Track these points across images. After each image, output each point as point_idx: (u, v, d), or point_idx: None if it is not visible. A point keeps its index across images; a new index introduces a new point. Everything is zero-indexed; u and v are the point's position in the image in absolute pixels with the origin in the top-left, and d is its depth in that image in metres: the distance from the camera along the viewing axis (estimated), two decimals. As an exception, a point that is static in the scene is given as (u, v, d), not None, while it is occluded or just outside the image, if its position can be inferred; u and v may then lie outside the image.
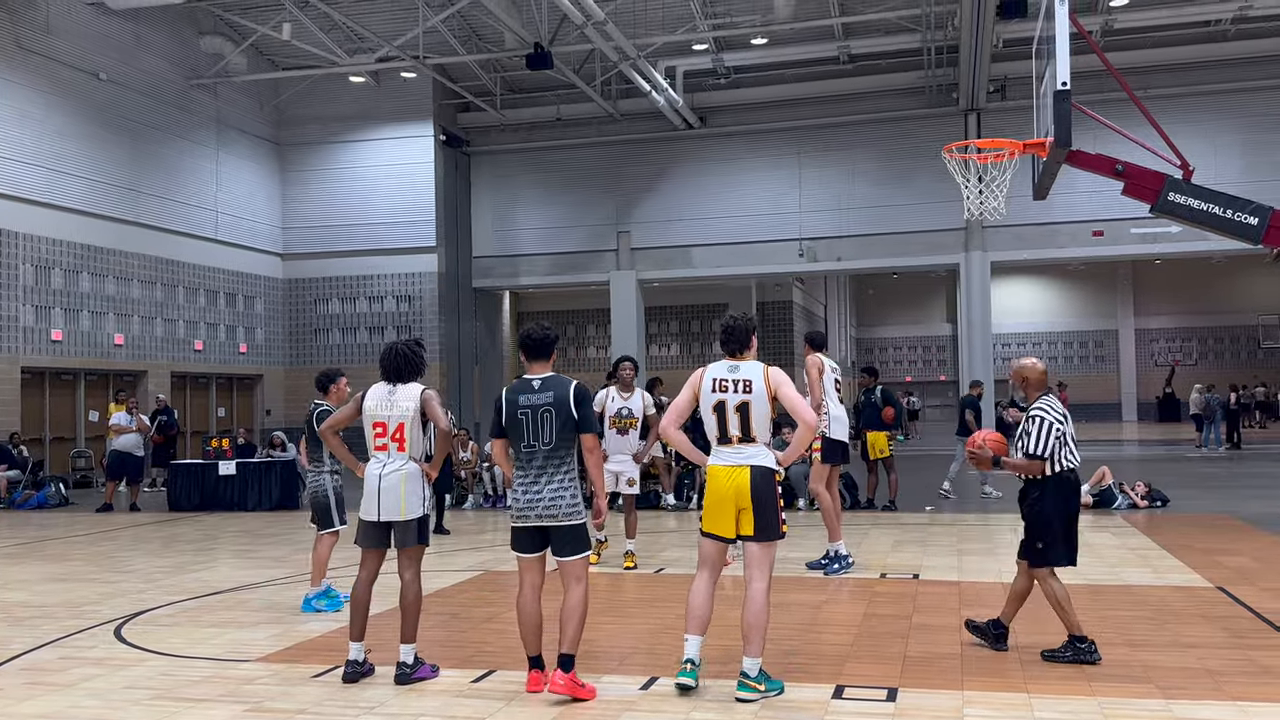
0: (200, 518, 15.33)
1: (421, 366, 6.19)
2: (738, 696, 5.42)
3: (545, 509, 5.59)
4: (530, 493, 5.63)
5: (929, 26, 23.40)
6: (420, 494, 6.01)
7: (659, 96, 24.46)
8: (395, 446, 6.02)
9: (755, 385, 5.67)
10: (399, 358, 6.10)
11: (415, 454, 6.05)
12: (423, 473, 6.05)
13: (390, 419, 6.03)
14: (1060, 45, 8.98)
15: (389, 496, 5.95)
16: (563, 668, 5.50)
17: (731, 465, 5.61)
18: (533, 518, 5.62)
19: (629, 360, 10.27)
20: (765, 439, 5.68)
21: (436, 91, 26.63)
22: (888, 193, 25.93)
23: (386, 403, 6.06)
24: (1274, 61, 24.09)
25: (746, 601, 5.54)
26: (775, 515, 5.60)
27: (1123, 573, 9.12)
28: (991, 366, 26.36)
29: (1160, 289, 48.18)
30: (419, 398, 6.04)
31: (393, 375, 6.10)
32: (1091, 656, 6.04)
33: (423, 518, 6.05)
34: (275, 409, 26.65)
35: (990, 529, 12.25)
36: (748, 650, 5.48)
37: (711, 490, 5.64)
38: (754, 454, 5.62)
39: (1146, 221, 17.64)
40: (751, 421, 5.63)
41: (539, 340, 5.86)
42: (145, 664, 6.53)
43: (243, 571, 10.20)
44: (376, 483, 5.97)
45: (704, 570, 5.70)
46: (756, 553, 5.59)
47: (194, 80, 24.22)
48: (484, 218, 28.47)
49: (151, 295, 22.95)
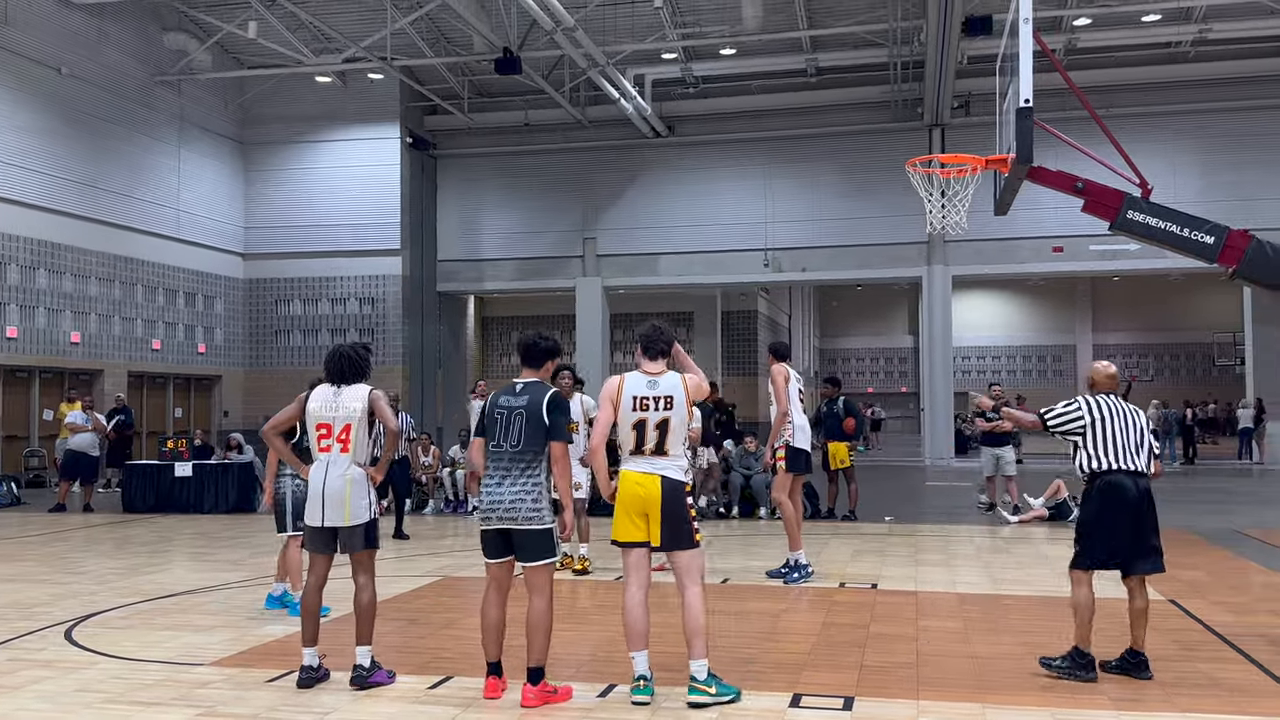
0: (155, 519, 15.13)
1: (366, 370, 6.14)
2: (689, 701, 5.44)
3: (505, 511, 5.59)
4: (494, 494, 5.64)
5: (895, 42, 23.62)
6: (366, 499, 5.95)
7: (627, 104, 24.50)
8: (339, 448, 5.95)
9: (676, 399, 5.69)
10: (344, 360, 6.06)
11: (359, 457, 5.97)
12: (368, 477, 6.00)
13: (336, 420, 5.97)
14: (1024, 63, 9.10)
15: (333, 502, 5.88)
16: (531, 681, 5.50)
17: (642, 472, 5.64)
18: (494, 519, 5.62)
19: (568, 370, 10.23)
20: (678, 452, 5.71)
21: (403, 94, 26.51)
22: (852, 205, 26.12)
23: (332, 404, 6.00)
24: (1232, 84, 24.53)
25: (684, 609, 5.57)
26: (685, 525, 5.60)
27: (1077, 585, 9.21)
28: (951, 379, 26.61)
29: (1118, 305, 48.88)
30: (366, 398, 6.00)
31: (337, 377, 6.06)
32: (1086, 675, 5.94)
33: (370, 521, 5.99)
34: (233, 410, 26.37)
35: (948, 540, 12.35)
36: (693, 654, 5.51)
37: (620, 496, 5.65)
38: (665, 466, 5.65)
39: (1105, 239, 17.88)
40: (668, 438, 5.67)
41: (531, 346, 5.90)
42: (97, 667, 6.43)
43: (198, 574, 10.07)
44: (321, 487, 5.91)
45: (632, 582, 5.64)
46: (683, 560, 5.61)
47: (157, 77, 23.95)
48: (450, 221, 28.36)
49: (109, 293, 22.65)
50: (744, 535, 13.01)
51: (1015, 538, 12.56)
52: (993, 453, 14.51)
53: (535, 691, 5.47)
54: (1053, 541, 12.16)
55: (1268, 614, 7.93)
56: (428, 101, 27.13)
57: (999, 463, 14.45)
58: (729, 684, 5.62)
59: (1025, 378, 49.87)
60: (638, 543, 5.63)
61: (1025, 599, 8.62)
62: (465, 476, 15.93)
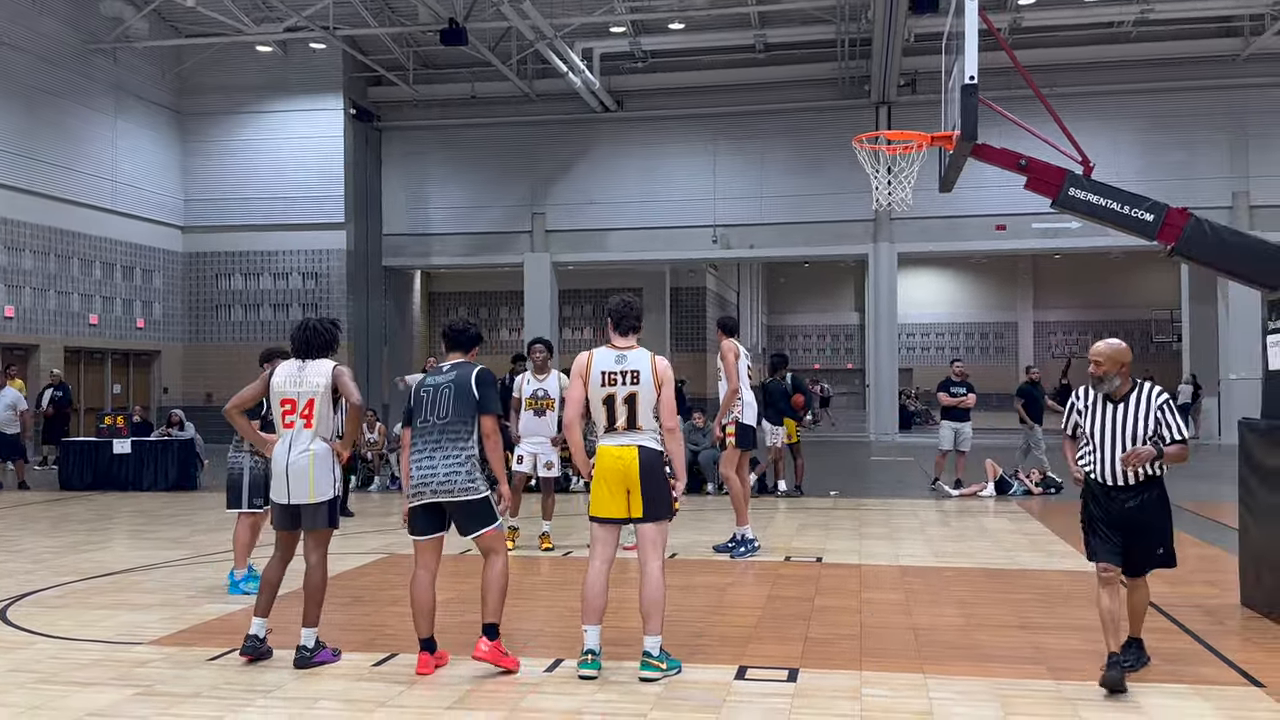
0: (93, 497, 14.85)
1: (334, 344, 6.08)
2: (641, 676, 5.47)
3: (440, 484, 5.59)
4: (424, 469, 5.63)
5: (843, 18, 23.66)
6: (330, 475, 5.89)
7: (575, 78, 24.32)
8: (303, 424, 5.88)
9: (643, 375, 5.68)
10: (310, 332, 5.99)
11: (324, 432, 5.92)
12: (333, 452, 5.93)
13: (300, 395, 5.90)
14: (969, 41, 9.14)
15: (297, 478, 5.82)
16: (487, 635, 5.57)
17: (620, 445, 5.64)
18: (427, 493, 5.61)
19: (541, 342, 10.19)
20: (651, 427, 5.69)
21: (346, 64, 26.06)
22: (800, 182, 26.19)
23: (296, 379, 5.92)
24: (1172, 64, 24.92)
25: (643, 582, 5.58)
26: (664, 493, 5.63)
27: (1017, 556, 9.38)
28: (896, 356, 26.88)
29: (1059, 283, 49.65)
30: (330, 373, 5.92)
31: (303, 351, 5.98)
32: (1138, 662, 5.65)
33: (333, 500, 5.93)
34: (173, 386, 25.90)
35: (891, 514, 12.50)
36: (648, 629, 5.53)
37: (599, 471, 5.65)
38: (641, 438, 5.66)
39: (1048, 217, 18.11)
40: (638, 412, 5.66)
41: (458, 332, 5.94)
42: (32, 647, 6.30)
43: (137, 552, 9.90)
44: (285, 464, 5.84)
45: (597, 558, 5.68)
46: (650, 533, 5.61)
47: (93, 45, 23.31)
48: (395, 195, 28.01)
49: (45, 266, 22.09)
50: (691, 510, 13.06)
51: (956, 511, 12.74)
52: (953, 427, 14.62)
53: (491, 646, 5.56)
54: (994, 515, 12.37)
55: (1203, 585, 8.12)
56: (372, 72, 26.70)
57: (957, 437, 14.57)
58: (675, 658, 5.67)
59: (968, 354, 50.45)
60: (613, 519, 5.64)
61: (966, 571, 8.75)
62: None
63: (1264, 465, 7.12)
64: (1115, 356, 5.49)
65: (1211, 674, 5.62)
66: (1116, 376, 5.49)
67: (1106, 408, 5.50)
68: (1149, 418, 5.43)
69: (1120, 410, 5.47)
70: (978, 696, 5.25)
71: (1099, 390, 5.53)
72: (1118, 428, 5.46)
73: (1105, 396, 5.51)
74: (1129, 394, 5.50)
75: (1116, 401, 5.49)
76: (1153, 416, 5.42)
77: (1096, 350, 5.53)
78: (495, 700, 5.21)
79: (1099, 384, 5.51)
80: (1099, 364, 5.50)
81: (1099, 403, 5.54)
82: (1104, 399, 5.52)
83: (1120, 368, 5.48)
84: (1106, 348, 5.52)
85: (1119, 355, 5.49)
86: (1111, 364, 5.48)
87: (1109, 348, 5.52)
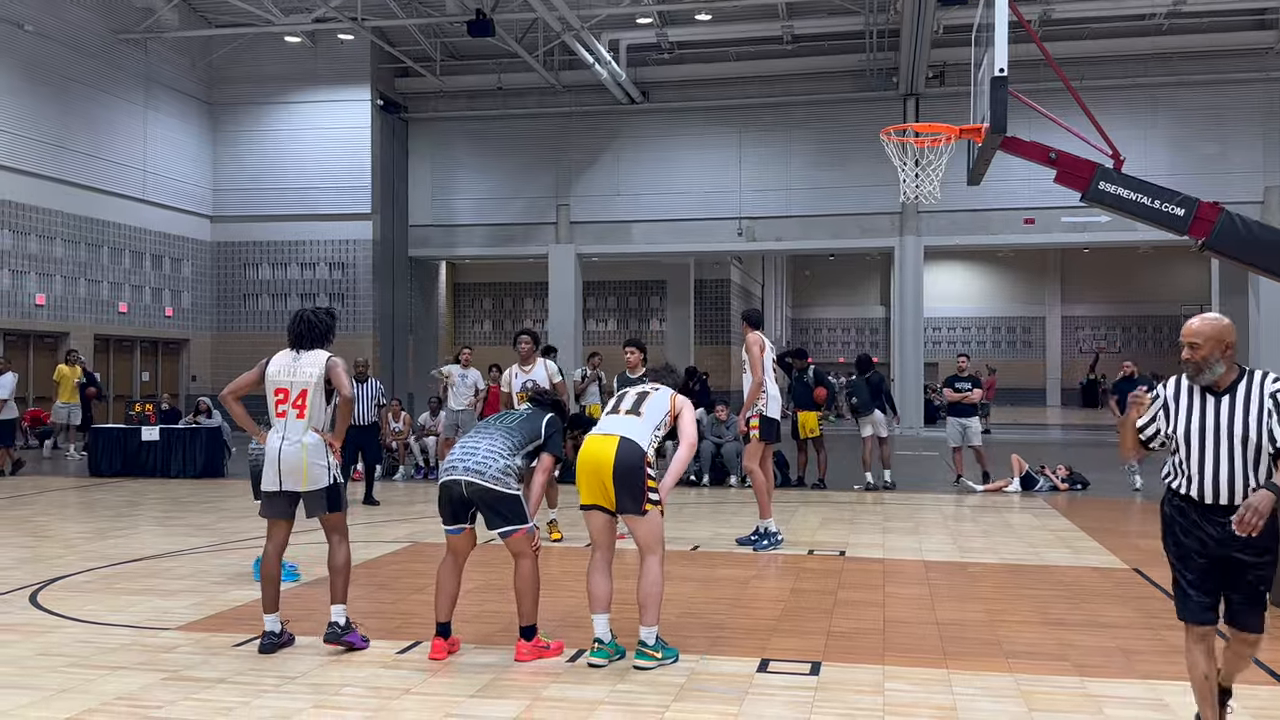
0: (122, 483, 15.01)
1: (329, 335, 6.08)
2: (635, 664, 5.52)
3: (476, 464, 5.61)
4: (466, 448, 5.74)
5: (871, 10, 23.52)
6: (325, 464, 5.88)
7: (601, 69, 24.31)
8: (295, 414, 5.88)
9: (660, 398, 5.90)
10: (305, 324, 6.00)
11: (315, 423, 5.91)
12: (325, 442, 5.94)
13: (293, 385, 5.91)
14: (999, 33, 9.09)
15: (290, 467, 5.84)
16: (524, 638, 5.72)
17: (603, 434, 5.66)
18: (459, 470, 5.62)
19: (527, 333, 10.29)
20: (654, 420, 5.74)
21: (374, 55, 26.17)
22: (826, 174, 26.10)
23: (290, 368, 5.94)
24: (1204, 57, 24.65)
25: (640, 574, 5.61)
26: (637, 489, 5.54)
27: (1043, 553, 9.33)
28: (922, 350, 26.74)
29: (1087, 277, 49.23)
30: (324, 364, 5.95)
31: (297, 341, 6.00)
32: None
33: (332, 486, 5.94)
34: (201, 375, 26.14)
35: (915, 508, 12.45)
36: (643, 620, 5.57)
37: (579, 459, 5.66)
38: (630, 427, 5.66)
39: (1077, 210, 17.94)
40: (645, 404, 5.81)
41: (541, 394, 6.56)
42: (62, 630, 6.38)
43: (165, 539, 10.00)
44: (277, 453, 5.86)
45: (595, 547, 5.71)
46: (640, 530, 5.60)
47: (123, 34, 23.52)
48: (421, 186, 28.11)
49: (75, 255, 22.33)
50: (714, 503, 13.06)
51: (981, 506, 12.68)
52: (959, 423, 14.61)
53: (528, 646, 5.69)
54: (1019, 511, 12.30)
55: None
56: (399, 64, 26.80)
57: (965, 432, 14.55)
58: (672, 647, 5.72)
59: (995, 349, 50.19)
60: (598, 506, 5.64)
61: (990, 567, 8.71)
62: (434, 446, 15.90)
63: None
64: (1217, 335, 4.17)
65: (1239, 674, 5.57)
66: (1220, 362, 4.19)
67: (1206, 402, 4.21)
68: (1262, 415, 4.11)
69: (1225, 406, 4.17)
70: (1001, 692, 5.22)
71: (1197, 381, 4.22)
72: (1220, 428, 4.17)
73: (1205, 389, 4.24)
74: (1235, 384, 4.19)
75: (1219, 394, 4.21)
76: (1266, 413, 4.11)
77: (1191, 329, 4.22)
78: (518, 689, 5.23)
79: (1197, 373, 4.21)
80: (1196, 346, 4.18)
81: (1195, 397, 4.25)
82: (1202, 392, 4.24)
83: (1224, 350, 4.17)
84: (1204, 325, 4.22)
85: (1221, 334, 4.18)
86: (1213, 346, 4.17)
87: (1208, 325, 4.22)
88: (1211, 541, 4.18)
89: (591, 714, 4.88)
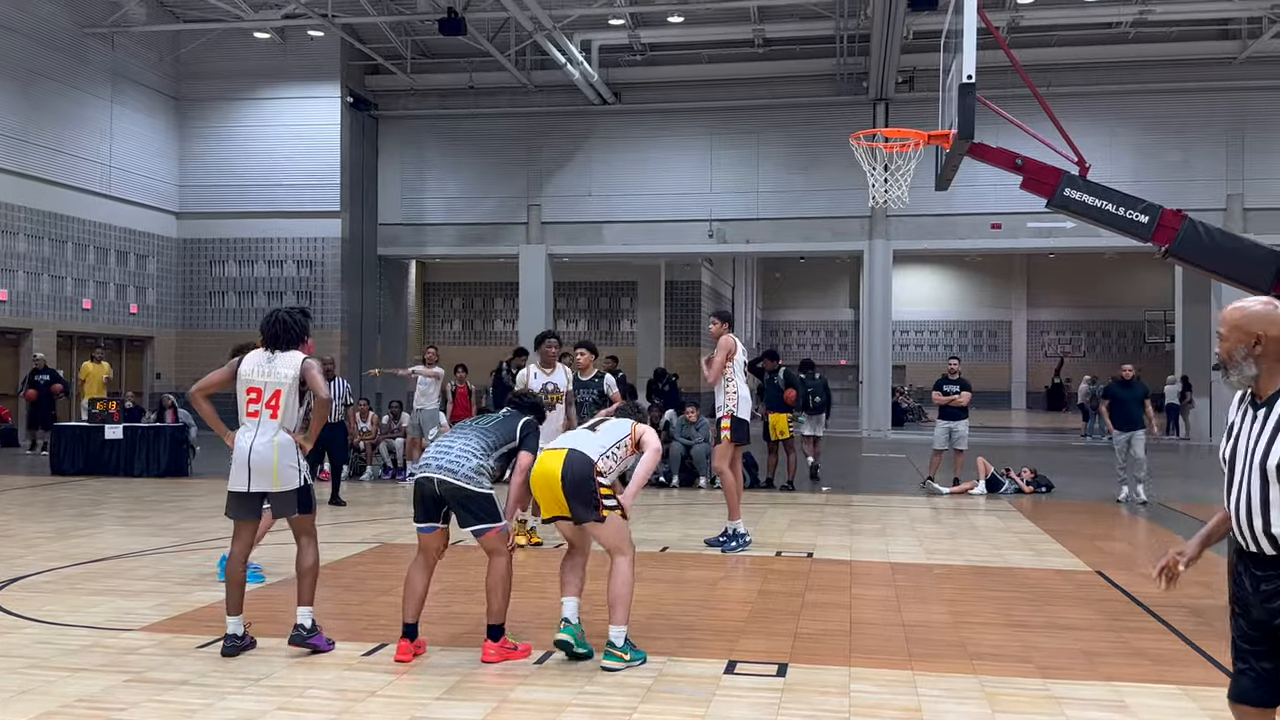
0: (84, 482, 14.83)
1: (303, 335, 6.06)
2: (603, 665, 5.55)
3: (450, 461, 5.64)
4: (441, 446, 5.80)
5: (842, 15, 23.65)
6: (295, 464, 5.85)
7: (574, 70, 24.29)
8: (268, 414, 5.85)
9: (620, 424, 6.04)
10: (279, 324, 5.96)
11: (288, 424, 5.87)
12: (296, 443, 5.91)
13: (266, 385, 5.87)
14: (968, 39, 9.16)
15: (260, 468, 5.79)
16: (491, 637, 5.73)
17: (553, 449, 5.80)
18: (433, 467, 5.65)
19: (553, 336, 10.08)
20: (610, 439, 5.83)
21: (344, 52, 26.00)
22: (797, 178, 26.22)
23: (264, 369, 5.90)
24: (1170, 66, 24.97)
25: (610, 576, 5.67)
26: (589, 497, 5.58)
27: (1007, 555, 9.41)
28: (890, 353, 26.92)
29: (1053, 282, 49.75)
30: (299, 365, 5.92)
31: (271, 342, 5.96)
32: None
33: (302, 488, 5.91)
34: (166, 372, 25.86)
35: (883, 510, 12.53)
36: (613, 619, 5.61)
37: (531, 477, 5.76)
38: (580, 440, 5.79)
39: (1043, 216, 18.10)
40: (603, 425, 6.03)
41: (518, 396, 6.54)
42: (22, 631, 6.30)
43: (128, 539, 9.89)
44: (246, 453, 5.81)
45: (568, 551, 5.93)
46: (603, 535, 5.67)
47: (89, 28, 23.23)
48: (391, 184, 27.96)
49: (39, 250, 22.03)
50: (683, 504, 13.08)
51: (947, 509, 12.78)
52: (947, 426, 14.65)
53: (495, 647, 5.69)
54: (985, 513, 12.40)
55: (1191, 585, 8.12)
56: (370, 61, 26.64)
57: (952, 436, 14.59)
58: (640, 649, 5.76)
59: (961, 352, 50.41)
60: (560, 517, 5.71)
61: (955, 569, 8.78)
62: (401, 447, 15.83)
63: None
64: (1242, 324, 3.19)
65: (1200, 675, 5.64)
66: (1250, 360, 3.18)
67: (1247, 416, 3.23)
68: None
69: (1258, 422, 3.18)
70: (965, 694, 5.27)
71: (1227, 384, 3.28)
72: (1250, 452, 3.17)
73: (1250, 400, 3.24)
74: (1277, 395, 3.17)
75: (1258, 406, 3.21)
76: None
77: (1220, 316, 3.31)
78: (485, 691, 5.22)
79: (1225, 374, 3.26)
80: (1222, 338, 3.26)
81: (1245, 409, 3.26)
82: (1250, 403, 3.24)
83: (1253, 344, 3.15)
84: (1230, 311, 3.27)
85: (1246, 322, 3.18)
86: (1238, 338, 3.19)
87: (1234, 312, 3.25)
88: (1253, 599, 3.19)
89: (559, 716, 4.87)
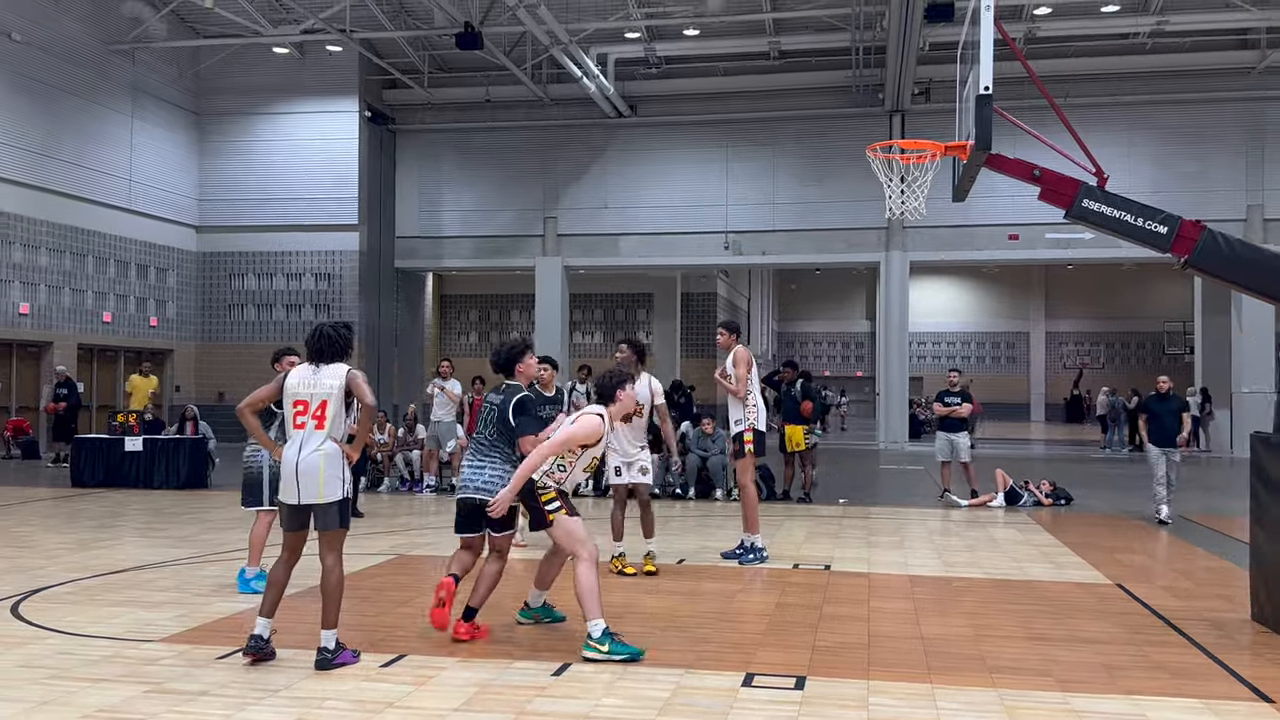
0: (104, 494, 14.92)
1: (347, 349, 6.14)
2: (583, 655, 5.93)
3: (484, 484, 6.51)
4: (472, 467, 6.63)
5: (858, 26, 23.66)
6: (340, 475, 5.92)
7: (590, 83, 24.37)
8: (314, 425, 5.91)
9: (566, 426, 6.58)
10: (324, 339, 6.04)
11: (335, 434, 5.95)
12: (343, 454, 5.96)
13: (313, 396, 5.94)
14: (984, 50, 9.14)
15: (308, 478, 5.84)
16: (464, 618, 6.42)
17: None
18: (470, 490, 6.55)
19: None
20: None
21: (362, 66, 26.18)
22: (812, 189, 26.22)
23: (310, 381, 5.98)
24: (1187, 76, 24.86)
25: (574, 578, 6.08)
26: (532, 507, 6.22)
27: (1026, 568, 9.36)
28: (907, 364, 26.84)
29: (1071, 293, 49.53)
30: (345, 376, 5.98)
31: (316, 356, 6.03)
32: None
33: (343, 500, 5.96)
34: (186, 385, 26.02)
35: (901, 523, 12.48)
36: (585, 615, 6.02)
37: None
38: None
39: (1061, 227, 18.03)
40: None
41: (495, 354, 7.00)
42: (43, 641, 6.34)
43: (148, 550, 9.94)
44: (294, 465, 5.87)
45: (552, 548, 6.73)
46: (555, 535, 6.23)
47: (111, 45, 23.47)
48: (409, 197, 28.10)
49: (60, 264, 22.23)
50: (700, 516, 13.06)
51: (966, 521, 12.72)
52: (948, 438, 14.65)
53: (467, 627, 6.39)
54: (1004, 526, 12.34)
55: (1212, 598, 8.09)
56: (387, 75, 26.81)
57: (954, 448, 14.60)
58: (631, 645, 6.00)
59: (979, 364, 50.43)
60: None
61: (975, 581, 8.74)
62: (418, 458, 15.87)
63: (1275, 479, 7.10)
64: None
65: (1221, 689, 5.60)
66: None
67: None
68: None
69: None
70: (985, 707, 5.24)
71: None
72: None
73: None
74: None
75: None
76: None
77: None
78: (503, 702, 5.22)
79: None
80: None
81: None
82: None
83: None
84: None
85: None
86: None
87: None
88: None
89: (576, 728, 4.87)
